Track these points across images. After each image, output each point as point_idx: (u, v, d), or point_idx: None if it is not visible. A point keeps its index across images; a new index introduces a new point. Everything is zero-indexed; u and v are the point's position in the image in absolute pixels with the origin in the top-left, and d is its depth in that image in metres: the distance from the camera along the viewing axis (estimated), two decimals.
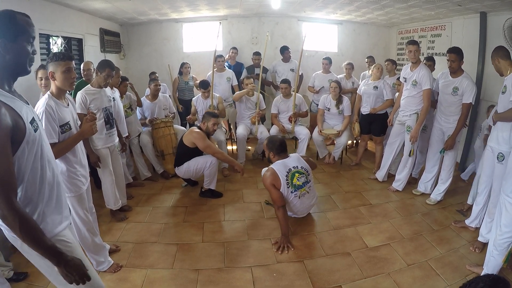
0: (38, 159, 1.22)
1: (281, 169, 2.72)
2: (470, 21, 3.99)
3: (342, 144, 4.27)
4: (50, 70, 1.85)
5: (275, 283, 2.19)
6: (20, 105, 1.16)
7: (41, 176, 1.24)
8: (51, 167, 1.30)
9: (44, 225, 1.25)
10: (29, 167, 1.18)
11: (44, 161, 1.25)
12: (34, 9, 3.17)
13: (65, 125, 1.88)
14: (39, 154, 1.22)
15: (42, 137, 1.27)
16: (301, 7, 4.88)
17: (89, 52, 4.33)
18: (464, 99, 2.98)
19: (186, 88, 5.05)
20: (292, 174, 2.72)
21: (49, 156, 1.31)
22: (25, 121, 1.14)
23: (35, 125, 1.20)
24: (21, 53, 1.17)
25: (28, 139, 1.15)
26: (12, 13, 1.17)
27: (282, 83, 4.36)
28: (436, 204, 3.26)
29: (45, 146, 1.28)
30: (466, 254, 2.46)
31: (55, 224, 1.29)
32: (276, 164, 2.77)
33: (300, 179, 2.74)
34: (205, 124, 3.46)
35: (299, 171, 2.76)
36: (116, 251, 2.53)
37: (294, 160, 2.81)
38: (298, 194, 2.75)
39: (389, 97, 3.95)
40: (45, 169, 1.26)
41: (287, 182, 2.70)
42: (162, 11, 4.80)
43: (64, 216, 1.37)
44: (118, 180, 2.97)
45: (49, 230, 1.26)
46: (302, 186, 2.75)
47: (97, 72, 2.68)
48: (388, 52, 6.03)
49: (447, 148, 3.15)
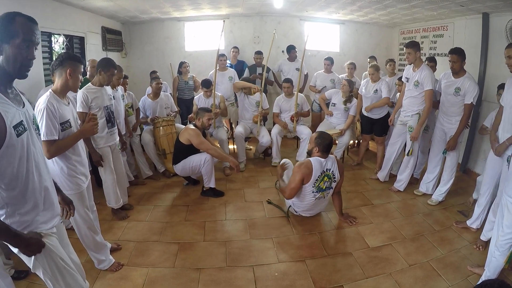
0: (24, 163, 1.21)
1: (318, 167, 2.73)
2: (472, 21, 3.98)
3: (344, 144, 4.27)
4: (69, 68, 1.85)
5: (276, 282, 2.19)
6: (6, 107, 1.14)
7: (26, 180, 1.23)
8: (38, 170, 1.29)
9: (23, 225, 1.26)
10: (12, 170, 1.17)
11: (30, 165, 1.24)
12: (36, 7, 3.17)
13: (65, 122, 1.89)
14: (24, 158, 1.21)
15: (31, 141, 1.25)
16: (303, 7, 4.87)
17: (91, 51, 4.33)
18: (466, 100, 2.97)
19: (186, 88, 5.05)
20: (323, 176, 2.75)
21: (38, 159, 1.29)
22: (7, 125, 1.11)
23: (20, 129, 1.17)
24: (15, 56, 1.15)
25: (8, 144, 1.13)
26: (12, 15, 1.16)
27: (284, 82, 4.36)
28: (437, 205, 3.25)
29: (34, 150, 1.27)
30: (467, 254, 2.46)
31: (38, 225, 1.30)
32: (315, 160, 2.76)
33: (326, 183, 2.77)
34: (200, 120, 3.47)
35: (329, 175, 2.78)
36: (118, 250, 2.53)
37: (330, 163, 2.81)
38: (317, 196, 2.78)
39: (385, 95, 3.92)
40: (31, 173, 1.25)
41: (315, 181, 2.72)
42: (164, 9, 4.79)
43: (51, 217, 1.38)
44: (119, 179, 2.97)
45: (29, 228, 1.28)
46: (324, 190, 2.78)
47: (100, 71, 2.65)
48: (390, 52, 6.03)
49: (449, 149, 3.15)
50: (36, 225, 1.30)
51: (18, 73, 1.19)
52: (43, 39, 3.39)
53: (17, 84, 1.33)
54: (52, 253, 1.33)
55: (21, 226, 1.25)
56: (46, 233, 1.33)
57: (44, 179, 1.33)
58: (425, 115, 3.23)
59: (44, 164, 1.36)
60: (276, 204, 3.27)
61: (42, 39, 3.35)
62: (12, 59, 1.15)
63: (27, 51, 1.18)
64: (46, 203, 1.34)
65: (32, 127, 1.29)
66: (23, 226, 1.26)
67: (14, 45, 1.14)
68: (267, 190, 3.65)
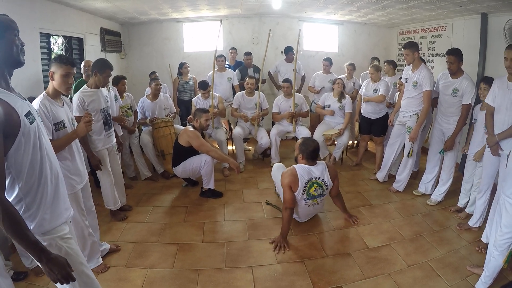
0: (38, 150, 1.26)
1: (304, 175, 2.63)
2: (470, 22, 3.99)
3: (343, 145, 4.27)
4: (51, 70, 1.90)
5: (275, 283, 2.19)
6: (14, 99, 1.19)
7: (40, 167, 1.27)
8: (49, 159, 1.34)
9: (41, 218, 1.28)
10: (28, 158, 1.22)
11: (43, 152, 1.29)
12: (35, 8, 3.17)
13: (59, 123, 1.91)
14: (37, 145, 1.26)
15: (41, 130, 1.31)
16: (302, 8, 4.88)
17: (89, 52, 4.33)
18: (464, 100, 2.98)
19: (186, 89, 5.05)
20: (311, 184, 2.65)
21: (48, 148, 1.34)
22: (19, 114, 1.17)
23: (31, 118, 1.24)
24: (11, 46, 1.21)
25: (24, 131, 1.18)
26: None
27: (284, 82, 4.37)
28: (436, 205, 3.26)
29: (43, 139, 1.32)
30: (466, 255, 2.46)
31: (54, 217, 1.32)
32: (300, 167, 2.66)
33: (317, 190, 2.68)
34: (198, 121, 3.46)
35: (319, 183, 2.67)
36: (117, 251, 2.53)
37: (319, 170, 2.69)
38: (309, 203, 2.72)
39: (382, 93, 3.92)
40: (44, 160, 1.29)
41: (304, 189, 2.64)
42: (162, 10, 4.80)
43: (64, 209, 1.41)
44: (117, 179, 2.96)
45: (48, 222, 1.30)
46: (316, 197, 2.71)
47: (95, 73, 2.62)
48: (389, 53, 6.04)
49: (447, 149, 3.16)
50: (53, 222, 1.32)
51: (19, 60, 1.24)
52: (42, 40, 3.39)
53: (16, 86, 1.35)
54: (72, 258, 1.33)
55: (38, 222, 1.27)
56: (66, 237, 1.36)
57: (54, 166, 1.37)
58: (423, 115, 3.23)
59: (53, 153, 1.40)
60: (275, 205, 3.27)
61: (41, 40, 3.35)
62: (11, 49, 1.21)
63: (19, 39, 1.24)
64: (57, 191, 1.37)
65: (37, 118, 1.33)
66: (39, 222, 1.27)
67: (8, 37, 1.21)
68: (266, 191, 3.65)
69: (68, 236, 1.38)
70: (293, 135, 4.47)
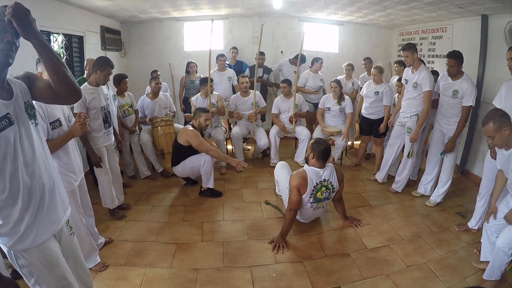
0: (9, 163, 1.12)
1: (313, 178, 2.60)
2: (471, 23, 3.99)
3: (342, 145, 4.27)
4: (39, 70, 1.92)
5: (274, 283, 2.19)
6: None
7: (11, 181, 1.14)
8: (29, 170, 1.19)
9: (22, 236, 1.19)
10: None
11: (17, 164, 1.14)
12: (35, 6, 3.15)
13: (55, 121, 1.90)
14: (9, 156, 1.12)
15: (22, 135, 1.17)
16: (303, 8, 4.87)
17: (89, 50, 4.31)
18: (464, 102, 2.98)
19: (192, 87, 5.06)
20: (319, 188, 2.64)
21: (29, 159, 1.19)
22: None
23: (3, 123, 1.10)
24: None
25: None
26: None
27: (282, 83, 4.38)
28: (435, 206, 3.26)
29: (27, 144, 1.19)
30: (465, 256, 2.46)
31: (40, 230, 1.24)
32: (310, 170, 2.63)
33: (324, 193, 2.67)
34: (197, 120, 3.46)
35: (327, 186, 2.66)
36: (110, 243, 2.56)
37: (328, 173, 2.67)
38: (315, 206, 2.72)
39: (387, 103, 3.92)
40: (18, 173, 1.15)
41: (311, 193, 2.63)
42: (163, 9, 4.79)
43: (52, 221, 1.30)
44: (115, 178, 2.96)
45: (31, 240, 1.21)
46: (322, 200, 2.70)
47: (96, 70, 2.63)
48: (389, 54, 6.04)
49: (447, 151, 3.16)
50: (38, 237, 1.23)
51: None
52: None
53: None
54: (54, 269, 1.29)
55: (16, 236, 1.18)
56: (48, 258, 1.27)
57: (40, 176, 1.23)
58: (424, 116, 3.23)
59: (42, 158, 1.27)
60: (274, 205, 3.27)
61: None
62: None
63: (3, 35, 1.11)
64: (42, 204, 1.25)
65: (26, 118, 1.20)
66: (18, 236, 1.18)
67: None
68: (265, 190, 3.65)
69: (50, 255, 1.28)
70: (293, 135, 4.47)
